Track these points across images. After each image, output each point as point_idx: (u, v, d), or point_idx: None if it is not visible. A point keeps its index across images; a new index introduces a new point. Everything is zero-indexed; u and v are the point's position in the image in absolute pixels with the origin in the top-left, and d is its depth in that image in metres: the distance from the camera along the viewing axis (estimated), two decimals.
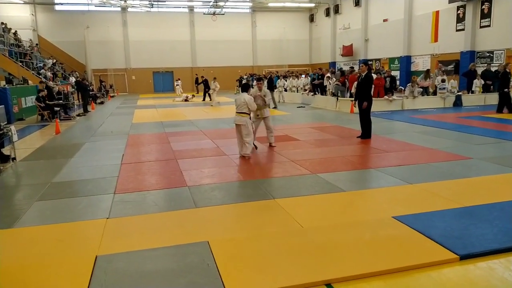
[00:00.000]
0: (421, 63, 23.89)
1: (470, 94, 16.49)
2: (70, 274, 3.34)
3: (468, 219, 4.29)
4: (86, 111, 18.34)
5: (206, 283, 3.13)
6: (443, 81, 15.95)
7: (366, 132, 9.27)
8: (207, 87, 23.18)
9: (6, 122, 8.10)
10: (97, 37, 32.79)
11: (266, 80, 18.00)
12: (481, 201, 4.77)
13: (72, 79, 26.93)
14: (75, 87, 19.94)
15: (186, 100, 23.54)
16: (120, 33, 34.09)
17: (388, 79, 15.52)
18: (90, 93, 23.65)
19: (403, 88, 17.09)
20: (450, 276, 3.23)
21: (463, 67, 19.90)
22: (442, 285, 3.10)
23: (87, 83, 19.28)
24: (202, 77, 25.02)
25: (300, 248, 3.70)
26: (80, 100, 19.68)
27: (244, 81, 29.82)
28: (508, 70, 13.37)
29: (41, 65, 24.50)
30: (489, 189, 5.29)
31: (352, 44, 30.85)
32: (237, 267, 3.38)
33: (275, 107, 17.45)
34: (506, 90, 13.12)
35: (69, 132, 12.10)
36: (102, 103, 24.01)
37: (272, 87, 18.24)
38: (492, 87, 16.52)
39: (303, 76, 22.38)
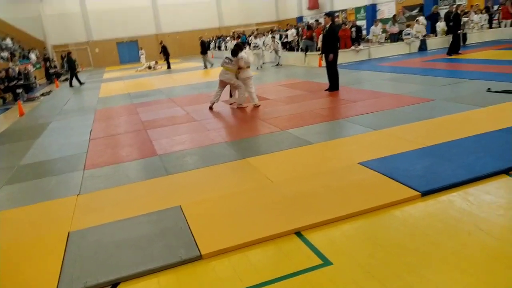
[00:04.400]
0: (386, 11, 23.82)
1: (434, 37, 16.64)
2: (43, 253, 3.34)
3: (430, 158, 4.46)
4: (80, 83, 18.80)
5: (180, 245, 3.20)
6: (407, 26, 16.02)
7: (333, 84, 9.33)
8: (166, 53, 22.63)
9: None
10: (53, 11, 31.16)
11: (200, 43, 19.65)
12: (442, 140, 4.95)
13: (33, 56, 25.77)
14: (65, 63, 19.62)
15: (149, 68, 22.95)
16: (77, 3, 32.43)
17: (353, 29, 15.45)
18: (52, 70, 22.82)
19: (369, 38, 17.09)
20: (412, 212, 3.40)
21: (427, 11, 19.95)
22: (404, 221, 3.27)
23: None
24: (161, 42, 24.36)
25: (270, 201, 3.80)
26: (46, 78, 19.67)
27: (212, 44, 29.29)
28: (459, 12, 13.47)
29: None
30: (449, 128, 5.47)
31: None
32: (209, 226, 3.46)
33: (205, 68, 19.52)
34: (458, 32, 13.26)
35: (34, 113, 11.73)
36: (66, 80, 23.16)
37: (205, 50, 19.76)
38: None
39: (279, 33, 22.00)
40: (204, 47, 19.85)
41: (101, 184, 4.89)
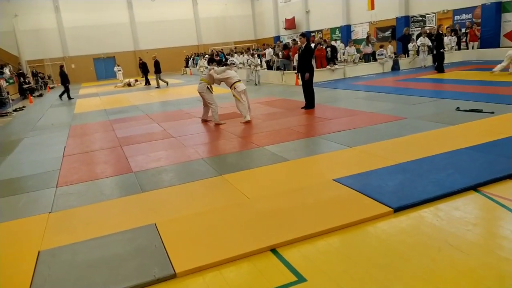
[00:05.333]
0: (360, 32, 24.55)
1: (406, 57, 17.22)
2: (11, 273, 3.23)
3: (401, 174, 4.58)
4: (70, 98, 18.85)
5: (154, 263, 3.16)
6: (381, 46, 16.54)
7: (309, 103, 9.50)
8: (146, 70, 22.61)
9: None
10: (28, 26, 30.71)
11: (153, 63, 20.23)
12: (414, 157, 5.09)
13: (6, 71, 25.19)
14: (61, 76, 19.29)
15: (129, 85, 22.80)
16: (53, 19, 32.13)
17: (328, 49, 15.84)
18: (26, 86, 22.37)
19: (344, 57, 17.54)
20: (385, 228, 3.47)
21: (399, 32, 20.67)
22: (377, 237, 3.33)
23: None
24: (140, 59, 24.37)
25: (246, 219, 3.81)
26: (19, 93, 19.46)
27: (190, 61, 29.43)
28: (441, 31, 14.09)
29: None
30: (420, 145, 5.64)
31: (294, 17, 31.06)
32: (184, 244, 3.43)
33: (157, 87, 20.03)
34: (441, 50, 13.86)
35: (6, 129, 11.43)
36: (41, 95, 22.76)
37: (159, 70, 20.26)
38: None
39: (257, 52, 22.23)
40: (158, 67, 20.25)
41: (74, 201, 4.78)
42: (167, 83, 20.50)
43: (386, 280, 2.73)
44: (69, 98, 18.87)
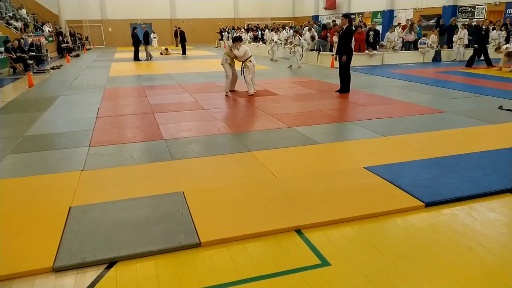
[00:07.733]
0: (403, 18, 23.64)
1: (449, 49, 16.50)
2: (43, 224, 3.35)
3: (436, 169, 4.43)
4: (137, 59, 19.19)
5: (180, 231, 3.20)
6: (424, 35, 15.91)
7: (344, 86, 9.28)
8: (183, 39, 22.64)
9: None
10: None
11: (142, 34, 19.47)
12: (451, 152, 4.93)
13: (46, 29, 25.76)
14: (132, 37, 19.53)
15: (162, 53, 22.86)
16: None
17: (371, 33, 15.31)
18: (64, 45, 22.82)
19: (383, 43, 16.94)
20: (415, 222, 3.39)
21: (445, 21, 19.76)
22: (406, 230, 3.26)
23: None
24: (179, 28, 24.42)
25: (273, 197, 3.80)
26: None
27: (225, 34, 29.22)
28: (484, 27, 13.46)
29: (11, 14, 23.21)
30: (459, 141, 5.44)
31: None
32: (211, 215, 3.46)
33: (147, 60, 19.43)
34: (475, 46, 13.34)
35: (43, 85, 11.74)
36: (77, 56, 23.21)
37: (147, 41, 19.91)
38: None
39: (291, 29, 21.80)
40: (147, 38, 19.85)
41: (105, 162, 4.89)
42: (151, 57, 19.90)
43: (413, 274, 2.67)
44: (135, 59, 19.16)
